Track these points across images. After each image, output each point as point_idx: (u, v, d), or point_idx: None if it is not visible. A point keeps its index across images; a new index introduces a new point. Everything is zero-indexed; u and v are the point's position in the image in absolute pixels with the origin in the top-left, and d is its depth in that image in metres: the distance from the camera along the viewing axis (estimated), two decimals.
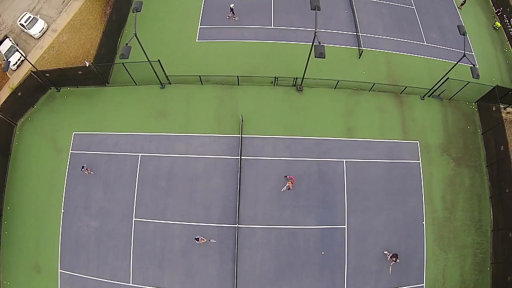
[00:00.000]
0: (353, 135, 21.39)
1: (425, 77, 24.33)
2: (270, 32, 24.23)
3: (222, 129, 20.96)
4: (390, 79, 23.64)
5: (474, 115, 24.06)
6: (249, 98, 21.91)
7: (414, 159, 21.65)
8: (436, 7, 27.56)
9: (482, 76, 25.57)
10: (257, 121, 21.21)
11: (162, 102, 21.85)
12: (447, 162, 22.15)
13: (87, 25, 26.01)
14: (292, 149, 20.68)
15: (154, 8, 25.40)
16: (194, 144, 20.80)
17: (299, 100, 21.93)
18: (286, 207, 19.86)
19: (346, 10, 25.67)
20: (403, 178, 21.10)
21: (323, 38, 24.33)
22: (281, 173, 20.19)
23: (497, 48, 27.10)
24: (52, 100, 23.36)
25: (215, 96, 21.78)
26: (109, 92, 22.68)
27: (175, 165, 20.67)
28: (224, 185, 20.14)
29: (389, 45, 24.87)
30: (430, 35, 25.97)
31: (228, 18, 24.72)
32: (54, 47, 25.88)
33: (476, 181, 22.23)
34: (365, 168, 20.80)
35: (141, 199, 20.53)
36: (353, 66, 23.57)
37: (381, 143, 21.51)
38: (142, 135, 21.33)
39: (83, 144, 21.78)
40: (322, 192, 20.14)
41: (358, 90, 22.66)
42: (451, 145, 22.63)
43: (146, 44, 23.87)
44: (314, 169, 20.42)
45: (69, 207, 20.67)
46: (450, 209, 21.25)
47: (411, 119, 22.58)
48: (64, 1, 28.24)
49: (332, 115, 21.74)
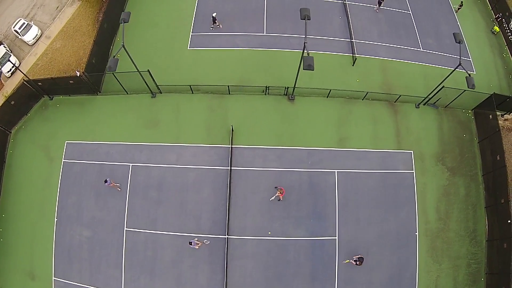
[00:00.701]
0: (345, 145, 21.11)
1: (421, 84, 23.91)
2: (262, 39, 23.95)
3: (212, 139, 20.83)
4: (385, 87, 23.27)
5: (471, 123, 23.65)
6: (239, 107, 21.71)
7: (408, 169, 21.35)
8: (433, 11, 27.02)
9: (480, 82, 25.24)
10: (247, 131, 21.03)
11: (153, 111, 21.76)
12: (441, 172, 21.83)
13: (80, 32, 25.92)
14: (282, 159, 20.49)
15: (146, 14, 25.23)
16: (184, 155, 20.71)
17: (290, 109, 21.68)
18: (276, 218, 19.71)
19: (340, 16, 25.23)
20: (396, 188, 20.82)
21: (316, 45, 24.13)
22: (271, 184, 20.01)
23: (495, 53, 26.54)
24: (45, 109, 23.39)
25: (205, 106, 21.62)
26: (101, 101, 22.62)
27: (166, 175, 20.60)
28: (214, 196, 20.05)
29: (384, 52, 24.46)
30: (426, 41, 25.48)
31: (212, 28, 24.29)
32: (48, 54, 25.86)
33: (471, 190, 21.91)
34: (357, 179, 20.54)
35: (132, 209, 20.53)
36: (347, 74, 23.23)
37: (374, 153, 21.22)
38: (133, 145, 21.27)
39: (75, 153, 21.80)
40: (313, 203, 19.96)
41: (351, 99, 22.34)
42: (446, 154, 22.29)
43: (138, 51, 23.98)
44: (305, 179, 20.22)
45: (62, 216, 20.74)
46: (444, 220, 20.99)
47: (405, 128, 22.24)
48: (58, 7, 28.17)
49: (324, 125, 21.47)
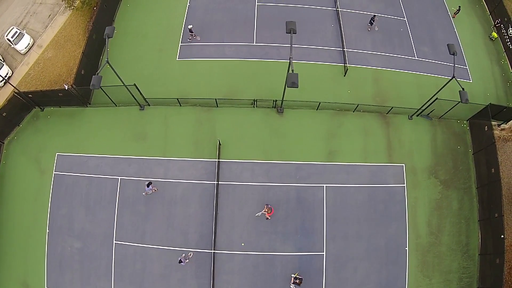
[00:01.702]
0: (334, 159, 20.80)
1: (415, 94, 23.40)
2: (252, 50, 23.58)
3: (200, 153, 20.68)
4: (377, 98, 22.82)
5: (466, 134, 23.14)
6: (227, 121, 21.49)
7: (399, 183, 20.99)
8: (429, 18, 26.32)
9: (476, 91, 24.69)
10: (235, 145, 20.83)
11: (141, 124, 21.64)
12: (434, 185, 21.44)
13: (71, 41, 25.81)
14: (270, 174, 20.26)
15: (136, 25, 25.03)
16: (172, 168, 20.62)
17: (279, 122, 21.39)
18: (264, 233, 19.56)
19: (332, 24, 24.68)
20: (386, 203, 20.51)
21: (306, 55, 23.73)
22: (259, 199, 19.85)
23: (493, 61, 25.84)
24: (37, 120, 23.44)
25: (193, 119, 21.43)
26: (90, 113, 22.57)
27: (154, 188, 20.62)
28: (201, 211, 19.95)
29: (377, 61, 23.94)
30: (421, 49, 24.86)
31: (189, 40, 23.89)
32: (39, 64, 25.83)
33: (464, 204, 21.52)
34: (346, 194, 20.27)
35: (121, 222, 20.57)
36: (338, 85, 22.80)
37: (364, 167, 20.88)
38: (121, 158, 21.23)
39: (65, 166, 21.85)
40: (300, 218, 19.76)
41: (341, 111, 21.96)
42: (439, 167, 21.86)
43: (127, 62, 23.97)
44: (293, 194, 20.00)
45: (53, 227, 20.89)
46: (436, 234, 20.67)
47: (397, 140, 21.82)
48: (50, 15, 28.08)
49: (313, 138, 21.15)
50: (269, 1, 25.44)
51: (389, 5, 26.14)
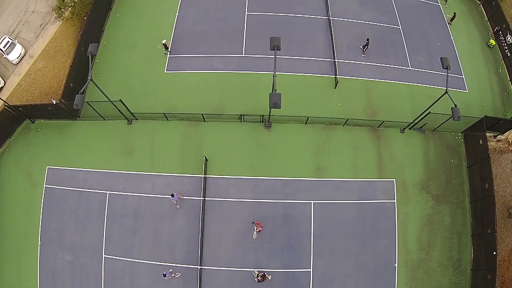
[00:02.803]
0: (322, 174, 20.48)
1: (407, 106, 22.89)
2: (240, 62, 23.19)
3: (186, 168, 20.51)
4: (368, 111, 22.34)
5: (460, 147, 22.60)
6: (214, 135, 21.26)
7: (389, 198, 20.62)
8: (425, 25, 25.60)
9: (472, 101, 24.11)
10: (222, 160, 20.63)
11: (128, 138, 21.53)
12: (425, 201, 21.04)
13: (61, 52, 25.70)
14: (257, 190, 20.05)
15: (125, 35, 24.77)
16: (159, 184, 20.51)
17: (266, 137, 21.08)
18: (250, 250, 19.43)
19: (324, 34, 24.13)
20: (375, 219, 20.18)
21: (296, 66, 23.31)
22: (245, 215, 19.69)
23: (490, 69, 25.11)
24: (28, 132, 23.50)
25: (180, 133, 21.24)
26: (79, 126, 22.51)
27: (141, 204, 20.48)
28: (188, 226, 19.87)
29: (369, 72, 23.40)
30: (416, 58, 24.23)
31: (164, 54, 23.68)
32: (31, 75, 25.81)
33: (457, 218, 21.12)
34: (334, 210, 19.97)
35: (110, 236, 20.65)
36: (328, 97, 22.36)
37: (353, 183, 20.53)
38: (110, 173, 21.19)
39: (56, 179, 21.91)
40: (287, 235, 19.56)
41: (331, 125, 21.54)
42: (432, 182, 21.42)
43: (115, 74, 23.79)
44: (280, 211, 19.77)
45: (45, 239, 21.04)
46: (426, 250, 20.34)
47: (388, 155, 21.39)
48: (42, 24, 28.00)
49: (301, 153, 20.83)
50: (259, 10, 24.97)
51: (383, 13, 25.46)
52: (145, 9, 25.61)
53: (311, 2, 25.54)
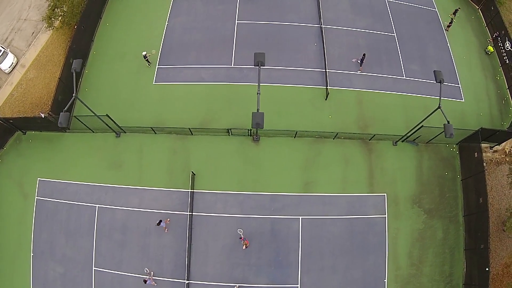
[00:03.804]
0: (311, 189, 20.14)
1: (401, 117, 22.35)
2: (230, 73, 22.79)
3: (174, 183, 20.36)
4: (360, 123, 21.86)
5: (454, 159, 22.08)
6: (202, 149, 21.01)
7: (379, 213, 20.26)
8: (421, 32, 24.87)
9: (468, 111, 23.51)
10: (209, 175, 20.41)
11: (117, 152, 21.41)
12: (417, 215, 20.64)
13: (52, 61, 25.56)
14: (244, 205, 19.82)
15: (114, 45, 24.49)
16: (147, 198, 20.39)
17: (254, 151, 20.77)
18: (237, 265, 19.29)
19: (316, 42, 23.54)
20: (365, 234, 19.86)
21: (286, 77, 22.87)
22: (232, 231, 19.50)
23: (487, 77, 24.38)
24: (19, 143, 23.52)
25: (168, 147, 21.04)
26: (69, 138, 22.43)
27: (130, 218, 20.41)
28: (175, 241, 19.79)
29: (362, 82, 22.85)
30: (410, 67, 23.60)
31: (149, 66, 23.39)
32: (22, 85, 25.72)
33: (450, 233, 20.73)
34: (322, 225, 19.69)
35: (100, 249, 20.69)
36: (318, 109, 21.89)
37: (343, 198, 20.17)
38: (98, 186, 21.14)
39: (47, 191, 21.95)
40: (275, 250, 19.35)
41: (320, 138, 21.11)
42: (424, 196, 20.98)
43: (104, 85, 23.56)
44: (267, 227, 19.54)
45: (37, 251, 21.17)
46: (417, 265, 20.03)
47: (379, 169, 20.96)
48: (33, 33, 27.87)
49: (289, 168, 20.49)
50: (249, 18, 24.47)
51: (377, 20, 24.77)
52: (134, 18, 25.30)
53: (303, 10, 24.95)
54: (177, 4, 25.42)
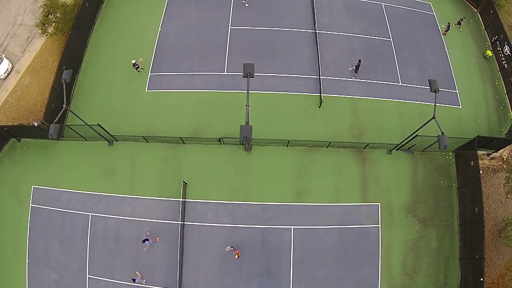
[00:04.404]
0: (303, 199, 19.97)
1: (396, 125, 22.08)
2: (222, 80, 22.57)
3: (166, 192, 20.30)
4: (354, 131, 21.59)
5: (450, 167, 21.78)
6: (194, 158, 20.89)
7: (373, 223, 20.07)
8: (417, 36, 24.42)
9: (465, 117, 23.18)
10: (200, 184, 20.32)
11: (109, 160, 21.38)
12: (411, 225, 20.42)
13: (46, 68, 25.52)
14: (235, 215, 19.72)
15: (107, 52, 24.33)
16: (138, 207, 20.37)
17: (246, 160, 20.61)
18: (228, 275, 19.24)
19: (310, 48, 23.18)
20: (358, 244, 19.70)
21: (279, 84, 22.62)
22: (223, 240, 19.45)
23: (486, 82, 23.94)
24: (14, 150, 23.58)
25: (160, 156, 20.96)
26: (63, 146, 22.43)
27: (122, 227, 20.42)
28: (167, 250, 19.77)
29: (357, 89, 22.54)
30: (406, 73, 23.22)
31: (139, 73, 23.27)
32: (17, 91, 25.73)
33: (444, 242, 20.51)
34: (314, 235, 19.54)
35: (93, 257, 20.75)
36: (312, 117, 21.64)
37: (335, 207, 19.99)
38: (91, 194, 21.13)
39: (41, 199, 22.01)
40: (266, 260, 19.25)
41: (313, 147, 20.89)
42: (419, 205, 20.75)
43: (97, 92, 23.46)
44: (259, 236, 19.43)
45: (32, 258, 21.28)
46: (411, 275, 19.86)
47: (373, 178, 20.72)
48: (28, 38, 27.82)
49: (282, 177, 20.32)
50: (243, 24, 24.18)
51: (374, 25, 24.35)
52: (128, 24, 25.13)
53: (298, 15, 24.59)
54: (170, 10, 25.22)
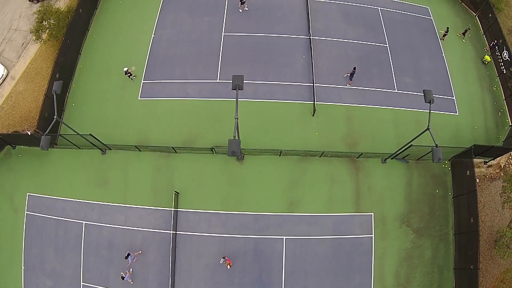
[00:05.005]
0: (296, 209, 19.84)
1: (391, 133, 21.80)
2: (215, 88, 22.37)
3: (158, 201, 20.28)
4: (348, 140, 21.34)
5: (446, 176, 21.50)
6: (186, 167, 20.82)
7: (366, 233, 19.92)
8: (414, 42, 23.98)
9: (462, 124, 22.88)
10: (193, 193, 20.25)
11: (102, 169, 21.39)
12: (405, 234, 20.25)
13: (41, 74, 25.48)
14: (227, 225, 19.67)
15: (101, 59, 24.22)
16: (132, 216, 20.38)
17: (238, 170, 20.50)
18: (220, 285, 19.23)
19: (304, 55, 22.84)
20: (350, 254, 19.58)
21: (272, 92, 22.43)
22: (216, 250, 19.43)
23: (484, 88, 23.52)
24: (9, 157, 23.67)
25: (152, 165, 20.91)
26: (57, 154, 22.47)
27: (115, 235, 20.45)
28: (160, 259, 19.80)
29: (351, 97, 22.24)
30: (402, 80, 22.86)
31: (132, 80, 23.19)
32: (12, 97, 25.75)
33: (439, 252, 20.33)
34: (307, 246, 19.44)
35: (87, 265, 20.86)
36: (305, 126, 21.41)
37: (328, 217, 19.84)
38: (85, 203, 21.17)
39: (36, 206, 22.11)
40: (258, 271, 19.19)
41: (307, 157, 20.71)
42: (413, 214, 20.54)
43: (90, 100, 23.40)
44: (251, 246, 19.38)
45: (28, 264, 21.45)
46: (404, 285, 19.74)
47: (366, 187, 20.52)
48: (23, 44, 27.78)
49: (274, 187, 20.19)
50: (236, 30, 23.91)
51: (369, 30, 23.92)
52: (121, 30, 24.96)
53: (292, 21, 24.25)
54: (163, 16, 25.01)
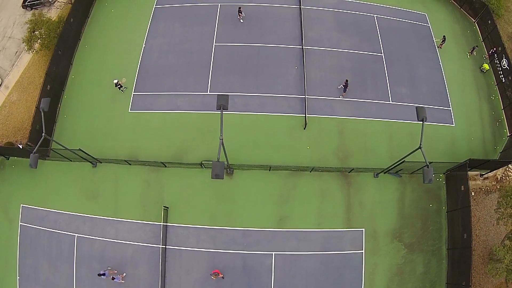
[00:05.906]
0: (285, 225, 19.67)
1: (384, 146, 21.41)
2: (205, 101, 22.09)
3: (147, 215, 20.26)
4: (340, 154, 20.98)
5: (440, 190, 21.11)
6: (175, 182, 20.73)
7: (356, 249, 19.70)
8: (411, 50, 23.34)
9: (459, 135, 22.41)
10: (182, 208, 20.19)
11: (93, 182, 21.41)
12: (397, 250, 19.99)
13: (34, 84, 25.46)
14: (216, 240, 19.59)
15: (92, 70, 24.07)
16: (122, 230, 20.44)
17: (227, 185, 20.31)
18: None
19: (296, 66, 22.37)
20: (340, 270, 19.41)
21: (263, 105, 22.10)
22: (204, 265, 19.40)
23: (481, 97, 22.88)
24: (3, 168, 23.80)
25: (142, 179, 20.86)
26: (49, 166, 22.52)
27: (106, 249, 20.55)
28: (150, 273, 19.84)
29: (344, 109, 21.81)
30: (398, 91, 22.32)
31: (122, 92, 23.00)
32: (6, 107, 25.83)
33: (431, 267, 20.07)
34: (296, 261, 19.30)
35: (80, 277, 21.04)
36: (296, 140, 21.09)
37: (318, 233, 19.64)
38: (77, 216, 21.25)
39: (29, 218, 22.28)
40: (247, 286, 19.11)
41: (297, 171, 20.41)
42: (405, 230, 20.24)
43: (81, 112, 23.28)
44: (239, 262, 19.30)
45: (23, 274, 21.74)
46: None
47: (358, 203, 20.22)
48: (17, 52, 27.72)
49: (264, 202, 20.00)
50: (228, 40, 23.53)
51: (365, 39, 23.30)
52: (112, 39, 24.75)
53: (285, 30, 23.76)
54: (154, 25, 24.71)
